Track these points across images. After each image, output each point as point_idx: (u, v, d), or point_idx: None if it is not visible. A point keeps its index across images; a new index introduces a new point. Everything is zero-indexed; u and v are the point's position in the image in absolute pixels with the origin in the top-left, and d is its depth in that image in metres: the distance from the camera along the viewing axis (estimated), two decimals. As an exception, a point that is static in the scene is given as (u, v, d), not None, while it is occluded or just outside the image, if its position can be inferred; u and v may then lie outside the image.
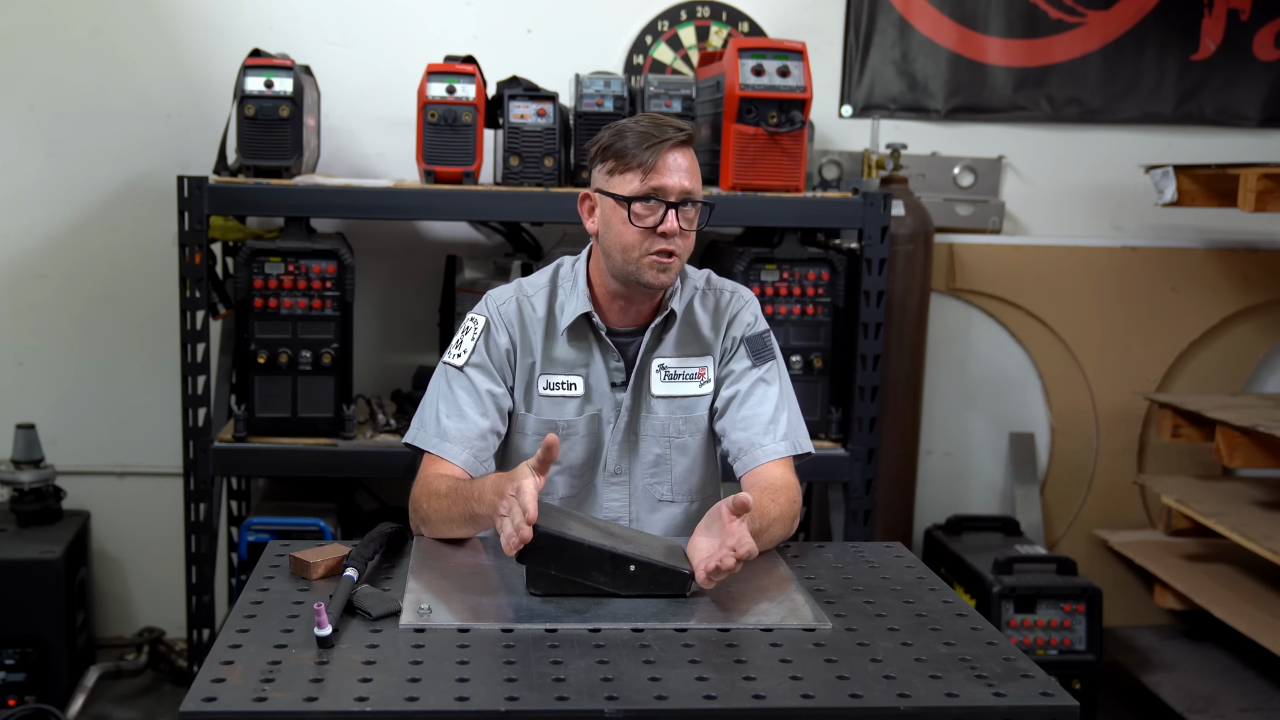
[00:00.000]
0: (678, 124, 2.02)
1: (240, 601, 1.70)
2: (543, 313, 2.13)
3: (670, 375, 2.14)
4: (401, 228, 3.66)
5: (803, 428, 2.16)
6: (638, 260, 2.01)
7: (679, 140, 2.00)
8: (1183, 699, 3.40)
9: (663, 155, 1.98)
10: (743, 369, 2.15)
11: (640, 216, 1.98)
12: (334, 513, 3.28)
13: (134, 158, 3.57)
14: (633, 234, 1.99)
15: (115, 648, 3.66)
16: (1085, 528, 3.99)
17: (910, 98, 3.83)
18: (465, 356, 2.10)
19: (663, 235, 1.98)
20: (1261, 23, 3.88)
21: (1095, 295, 3.91)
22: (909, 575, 1.91)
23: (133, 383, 3.66)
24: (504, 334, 2.11)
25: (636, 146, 1.98)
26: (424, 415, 2.11)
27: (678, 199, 1.99)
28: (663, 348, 2.14)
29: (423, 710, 1.36)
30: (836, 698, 1.43)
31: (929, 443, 3.91)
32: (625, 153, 1.99)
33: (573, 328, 2.11)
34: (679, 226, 1.99)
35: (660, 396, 2.14)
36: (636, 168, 1.98)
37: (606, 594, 1.70)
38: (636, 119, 2.04)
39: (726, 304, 2.19)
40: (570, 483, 2.16)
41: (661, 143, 1.98)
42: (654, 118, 2.04)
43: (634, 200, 1.98)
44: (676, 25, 3.70)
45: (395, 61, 3.53)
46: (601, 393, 2.13)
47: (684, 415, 2.15)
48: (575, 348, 2.12)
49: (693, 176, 2.01)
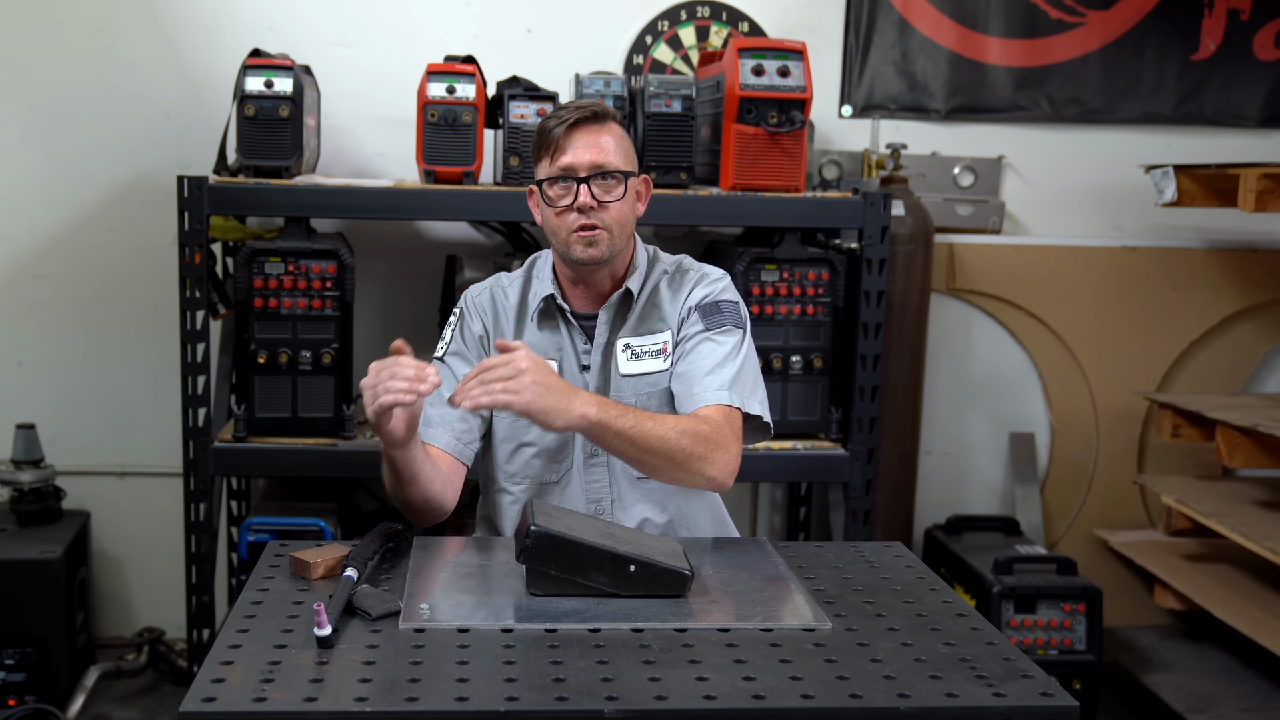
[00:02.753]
0: (586, 103, 2.11)
1: (240, 601, 1.70)
2: (515, 300, 2.21)
3: (636, 354, 2.18)
4: (401, 228, 3.66)
5: (759, 391, 2.15)
6: (566, 240, 2.08)
7: (580, 118, 2.06)
8: (1183, 699, 3.40)
9: (567, 135, 2.06)
10: (694, 333, 2.16)
11: (554, 199, 2.07)
12: (334, 513, 3.27)
13: (134, 158, 3.57)
14: (554, 216, 2.08)
15: (115, 648, 3.66)
16: (1085, 528, 3.99)
17: (910, 98, 3.83)
18: (445, 347, 2.20)
19: (579, 211, 2.05)
20: (1261, 23, 3.87)
21: (1095, 295, 3.91)
22: (909, 575, 1.91)
23: (133, 383, 3.66)
24: (477, 321, 2.19)
25: (547, 129, 2.07)
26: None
27: (588, 173, 2.05)
28: (626, 328, 2.18)
29: (423, 710, 1.36)
30: (836, 698, 1.43)
31: (929, 443, 3.91)
32: (540, 136, 2.10)
33: (543, 312, 2.18)
34: (594, 200, 2.05)
35: (628, 375, 2.17)
36: (546, 154, 2.08)
37: (606, 594, 1.70)
38: (557, 107, 2.15)
39: (692, 281, 2.22)
40: (548, 466, 2.18)
41: (564, 122, 2.06)
42: (568, 103, 2.14)
43: (544, 183, 2.08)
44: (676, 25, 3.70)
45: (395, 61, 3.53)
46: (572, 375, 2.17)
47: (649, 391, 2.17)
48: (546, 332, 2.19)
49: (604, 151, 2.07)
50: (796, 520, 3.90)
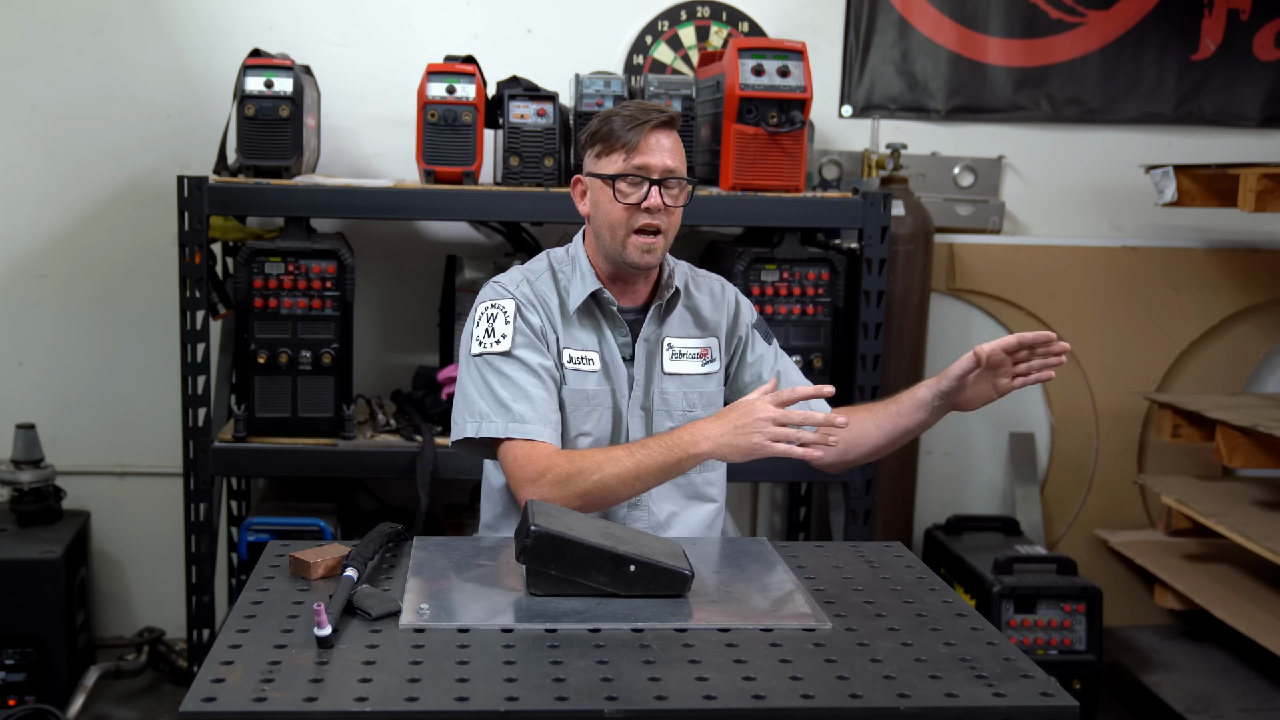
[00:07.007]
0: (661, 107, 2.14)
1: (240, 601, 1.70)
2: (553, 292, 2.20)
3: (677, 354, 2.24)
4: (401, 228, 3.66)
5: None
6: (623, 239, 2.11)
7: (660, 122, 2.10)
8: (1183, 699, 3.40)
9: (645, 136, 2.09)
10: (768, 352, 2.31)
11: (624, 193, 2.09)
12: (334, 513, 3.28)
13: (134, 158, 3.57)
14: (618, 211, 2.10)
15: (115, 648, 3.66)
16: (1085, 528, 3.99)
17: (910, 98, 3.83)
18: (507, 340, 2.12)
19: (646, 211, 2.08)
20: (1261, 23, 3.88)
21: (1095, 295, 3.91)
22: (909, 575, 1.91)
23: (133, 383, 3.66)
24: (533, 312, 2.16)
25: (621, 129, 2.09)
26: (479, 408, 2.09)
27: (661, 176, 2.09)
28: (668, 327, 2.23)
29: (423, 710, 1.36)
30: (836, 698, 1.43)
31: (929, 443, 3.91)
32: (611, 135, 2.11)
33: (582, 306, 2.18)
34: (663, 203, 2.09)
35: (671, 374, 2.23)
36: (621, 148, 2.09)
37: (606, 594, 1.70)
38: (623, 105, 2.16)
39: (721, 292, 2.31)
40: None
41: (644, 124, 2.09)
42: (639, 103, 2.17)
43: (618, 178, 2.09)
44: (676, 25, 3.70)
45: (395, 61, 3.53)
46: (616, 367, 2.19)
47: (697, 391, 2.24)
48: (586, 325, 2.19)
49: (675, 156, 2.12)
50: (796, 520, 3.90)
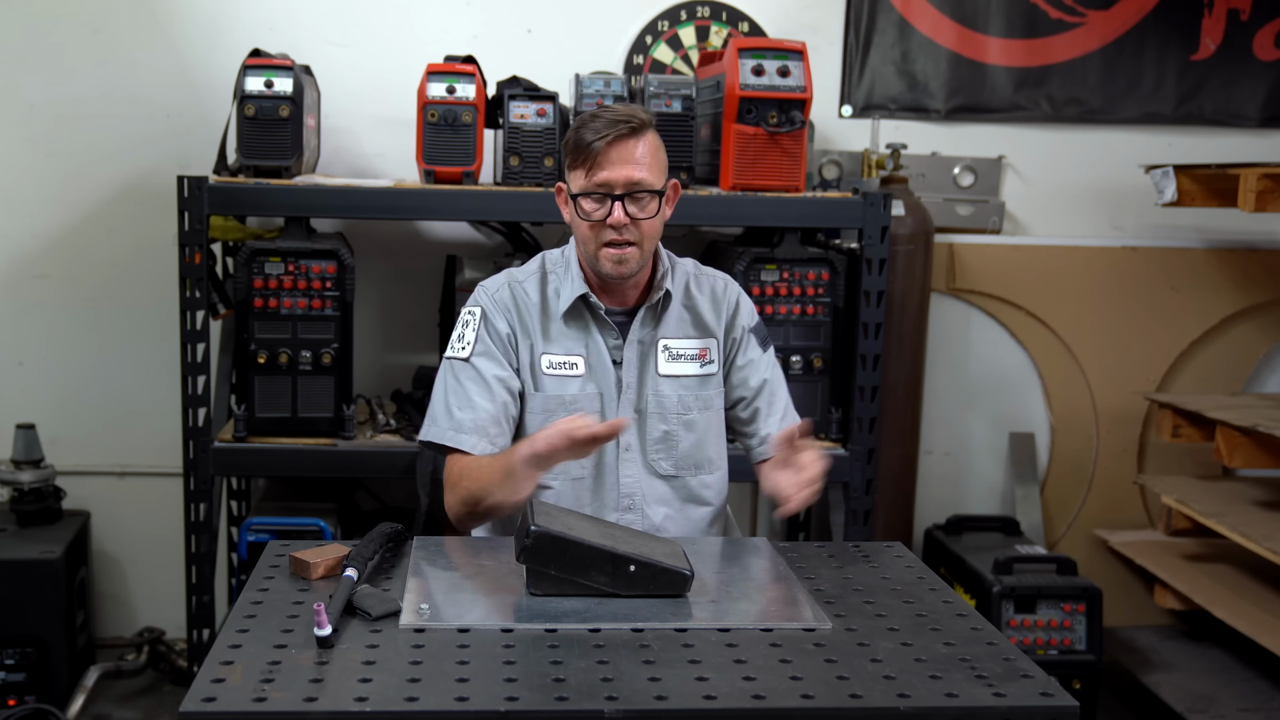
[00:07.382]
0: (627, 115, 2.05)
1: (240, 601, 1.70)
2: (536, 296, 2.19)
3: (674, 355, 2.22)
4: (401, 228, 3.66)
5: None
6: (594, 252, 2.09)
7: (622, 134, 2.03)
8: (1183, 699, 3.40)
9: (607, 150, 2.03)
10: (760, 359, 2.29)
11: (588, 211, 2.06)
12: (334, 513, 3.28)
13: (134, 158, 3.57)
14: (584, 227, 2.08)
15: (115, 648, 3.66)
16: (1085, 528, 3.99)
17: (910, 98, 3.83)
18: (469, 348, 2.15)
19: (611, 227, 2.05)
20: (1261, 23, 3.87)
21: (1095, 295, 3.91)
22: (909, 575, 1.91)
23: (133, 383, 3.66)
24: (502, 320, 2.16)
25: (585, 142, 2.04)
26: (434, 411, 2.14)
27: (624, 191, 2.04)
28: (664, 328, 2.21)
29: (423, 710, 1.36)
30: (836, 698, 1.43)
31: (929, 443, 3.91)
32: (577, 148, 2.06)
33: (571, 309, 2.16)
34: (626, 218, 2.05)
35: (666, 376, 2.20)
36: (583, 164, 2.05)
37: (606, 594, 1.70)
38: (595, 112, 2.08)
39: (723, 292, 2.28)
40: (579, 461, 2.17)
41: (604, 137, 2.02)
42: (610, 111, 2.07)
43: (578, 196, 2.07)
44: (676, 25, 3.70)
45: (395, 61, 3.53)
46: (604, 371, 2.17)
47: (694, 393, 2.22)
48: (573, 328, 2.18)
49: (645, 166, 2.05)
50: (796, 520, 3.89)
